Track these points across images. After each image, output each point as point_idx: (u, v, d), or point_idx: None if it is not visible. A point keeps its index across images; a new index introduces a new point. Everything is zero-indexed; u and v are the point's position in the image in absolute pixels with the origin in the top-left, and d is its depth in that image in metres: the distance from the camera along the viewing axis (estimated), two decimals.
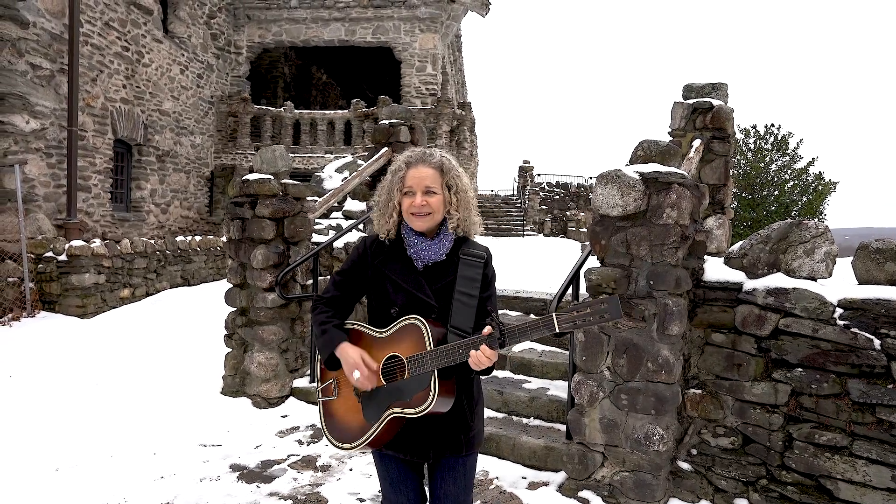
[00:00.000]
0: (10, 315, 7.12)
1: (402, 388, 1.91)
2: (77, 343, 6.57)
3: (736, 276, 3.58)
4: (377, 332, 2.00)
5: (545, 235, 20.76)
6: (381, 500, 2.26)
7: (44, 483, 3.59)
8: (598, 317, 1.67)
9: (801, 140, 23.59)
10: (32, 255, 7.75)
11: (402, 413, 1.90)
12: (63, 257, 7.71)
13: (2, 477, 3.63)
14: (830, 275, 3.41)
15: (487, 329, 1.80)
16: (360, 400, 1.98)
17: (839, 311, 3.18)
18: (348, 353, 1.94)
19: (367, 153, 11.14)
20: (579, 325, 1.70)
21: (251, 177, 5.18)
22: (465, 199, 2.03)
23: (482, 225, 2.14)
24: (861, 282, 3.33)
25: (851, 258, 3.43)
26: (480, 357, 1.78)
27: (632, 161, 3.82)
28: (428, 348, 1.87)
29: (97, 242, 8.16)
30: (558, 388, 4.63)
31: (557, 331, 1.71)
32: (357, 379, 1.91)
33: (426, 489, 2.18)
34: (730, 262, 3.68)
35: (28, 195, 8.86)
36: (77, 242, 7.88)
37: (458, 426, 2.02)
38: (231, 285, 5.37)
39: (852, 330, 3.12)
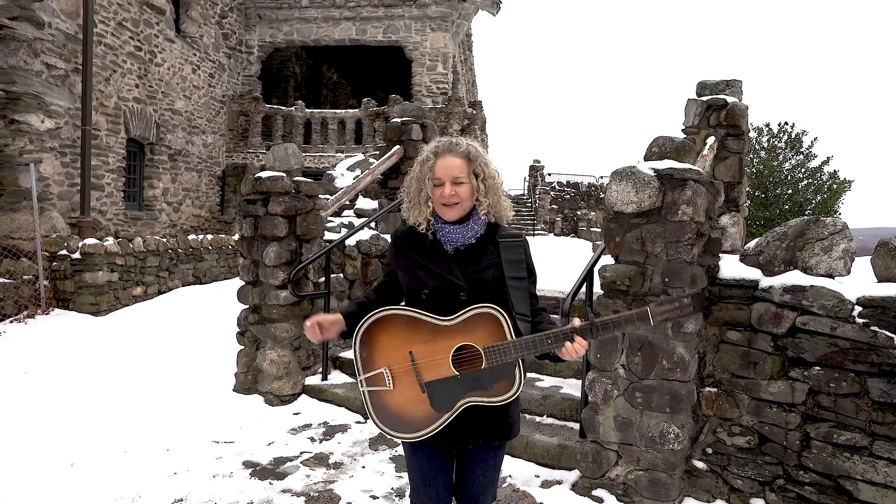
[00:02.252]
0: (25, 312, 7.17)
1: (479, 378, 1.91)
2: (91, 340, 6.61)
3: (752, 273, 3.55)
4: (441, 320, 1.95)
5: (556, 235, 20.70)
6: (408, 492, 2.25)
7: (60, 478, 3.61)
8: (686, 314, 1.75)
9: (815, 138, 23.36)
10: (47, 253, 7.80)
11: (480, 401, 1.91)
12: (77, 255, 7.76)
13: (19, 471, 3.66)
14: (849, 272, 3.37)
15: (577, 321, 1.85)
16: (427, 390, 1.95)
17: (858, 308, 3.14)
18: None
19: (378, 152, 11.14)
20: (671, 319, 1.75)
21: (264, 174, 5.19)
22: (493, 185, 2.06)
23: (512, 210, 2.16)
24: (881, 279, 3.28)
25: (870, 257, 3.38)
26: (577, 349, 1.84)
27: (646, 158, 3.78)
28: (509, 338, 1.88)
29: (110, 241, 8.21)
30: (571, 387, 4.60)
31: (652, 325, 1.77)
32: (308, 327, 2.02)
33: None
34: (746, 259, 3.65)
35: (43, 194, 8.93)
36: (91, 241, 7.94)
37: (496, 414, 2.03)
38: (243, 283, 5.38)
39: (872, 328, 3.07)
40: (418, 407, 1.96)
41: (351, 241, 6.04)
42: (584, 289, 3.91)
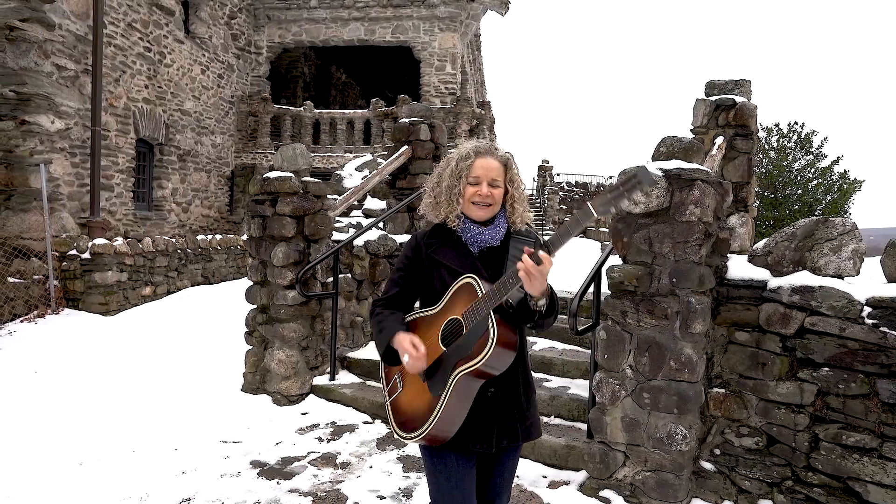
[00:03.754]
0: (35, 312, 7.23)
1: (462, 345, 1.89)
2: (100, 340, 6.65)
3: (760, 273, 3.53)
4: (430, 309, 1.99)
5: None
6: (416, 493, 2.23)
7: (68, 477, 3.64)
8: (630, 188, 1.61)
9: (825, 138, 23.17)
10: (57, 253, 7.86)
11: (467, 368, 1.84)
12: (86, 255, 7.80)
13: (28, 470, 3.69)
14: (858, 273, 3.34)
15: (528, 249, 1.75)
16: (426, 378, 1.95)
17: (867, 309, 3.12)
18: (399, 339, 1.95)
19: (386, 152, 11.16)
20: (613, 202, 1.63)
21: (272, 175, 5.21)
22: (522, 196, 2.10)
23: (533, 222, 2.18)
24: (890, 280, 3.26)
25: (880, 257, 3.36)
26: (528, 269, 1.69)
27: (654, 158, 3.77)
28: (480, 295, 1.85)
29: (120, 241, 8.26)
30: (579, 387, 4.59)
31: (595, 215, 1.64)
32: (407, 362, 1.91)
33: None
34: (754, 259, 3.63)
35: (53, 194, 8.99)
36: (100, 241, 7.98)
37: (515, 413, 2.02)
38: (252, 283, 5.40)
39: (881, 329, 3.05)
40: (422, 398, 1.96)
41: (359, 242, 6.05)
42: (591, 289, 3.91)
